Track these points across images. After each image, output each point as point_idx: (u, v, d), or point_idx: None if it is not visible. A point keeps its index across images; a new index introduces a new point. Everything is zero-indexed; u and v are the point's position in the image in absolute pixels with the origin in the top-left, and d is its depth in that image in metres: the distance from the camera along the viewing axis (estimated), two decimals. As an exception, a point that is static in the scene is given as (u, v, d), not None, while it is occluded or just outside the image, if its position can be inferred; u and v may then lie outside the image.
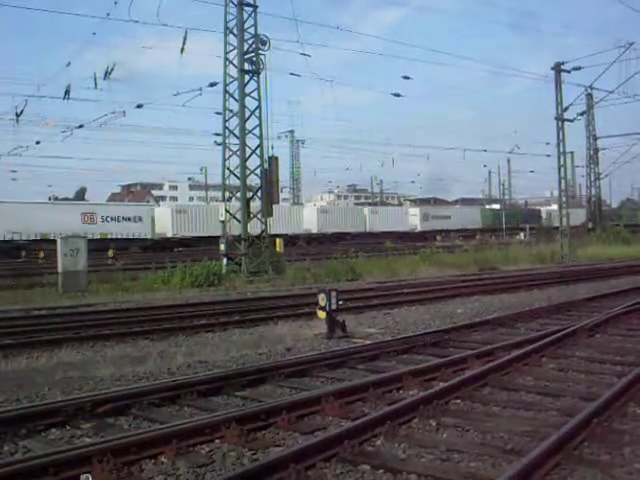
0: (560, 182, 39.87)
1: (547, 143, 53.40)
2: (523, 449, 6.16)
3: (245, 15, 27.86)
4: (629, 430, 6.71)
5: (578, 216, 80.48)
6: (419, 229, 70.76)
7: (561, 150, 39.13)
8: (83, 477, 5.79)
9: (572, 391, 8.51)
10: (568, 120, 39.25)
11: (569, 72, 38.16)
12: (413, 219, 72.45)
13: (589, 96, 50.44)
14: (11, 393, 8.89)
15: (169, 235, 53.09)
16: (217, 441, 6.76)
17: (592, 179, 60.25)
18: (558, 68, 38.23)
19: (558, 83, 38.30)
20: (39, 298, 20.66)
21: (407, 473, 5.77)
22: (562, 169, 39.54)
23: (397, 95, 38.30)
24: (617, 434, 6.59)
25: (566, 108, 38.68)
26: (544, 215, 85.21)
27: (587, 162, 59.77)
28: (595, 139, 58.36)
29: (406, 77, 37.55)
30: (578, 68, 37.96)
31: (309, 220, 61.68)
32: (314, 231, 60.71)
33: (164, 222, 53.40)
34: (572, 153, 70.50)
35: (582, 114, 45.72)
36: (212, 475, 5.90)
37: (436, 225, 72.36)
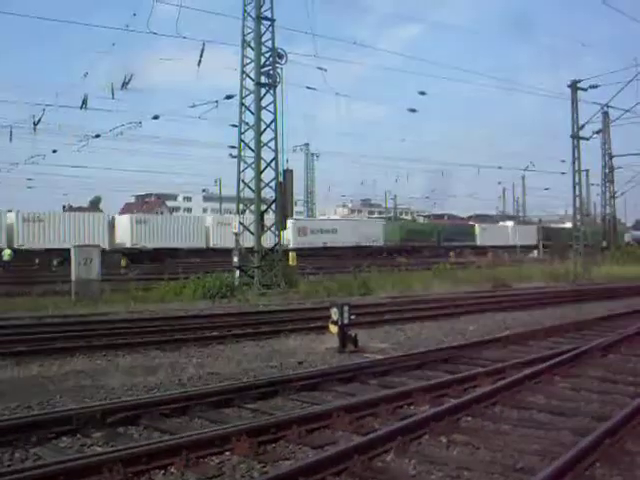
0: (575, 200, 39.79)
1: (562, 160, 53.24)
2: (534, 468, 6.13)
3: (263, 29, 28.02)
4: (641, 451, 6.66)
5: (528, 234, 78.89)
6: (292, 245, 55.64)
7: (576, 168, 39.06)
8: (93, 486, 5.82)
9: (584, 411, 8.46)
10: (584, 138, 39.24)
11: (585, 90, 38.15)
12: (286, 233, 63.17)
13: (605, 114, 50.27)
14: (23, 400, 8.93)
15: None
16: (227, 453, 6.77)
17: (607, 197, 59.98)
18: (575, 86, 38.23)
19: (574, 101, 38.30)
20: (52, 306, 20.72)
21: (417, 490, 5.75)
22: (577, 187, 39.46)
23: (413, 110, 38.39)
24: (629, 455, 6.55)
25: (582, 126, 38.67)
26: (477, 232, 78.06)
27: (602, 180, 59.50)
28: (611, 157, 58.11)
29: (422, 93, 37.57)
30: (595, 86, 37.89)
31: (123, 231, 51.79)
32: (128, 245, 50.51)
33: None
34: (587, 171, 70.24)
35: (598, 132, 45.69)
36: (221, 487, 5.89)
37: (316, 241, 60.93)
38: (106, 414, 7.86)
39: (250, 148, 28.50)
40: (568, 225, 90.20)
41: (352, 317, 13.44)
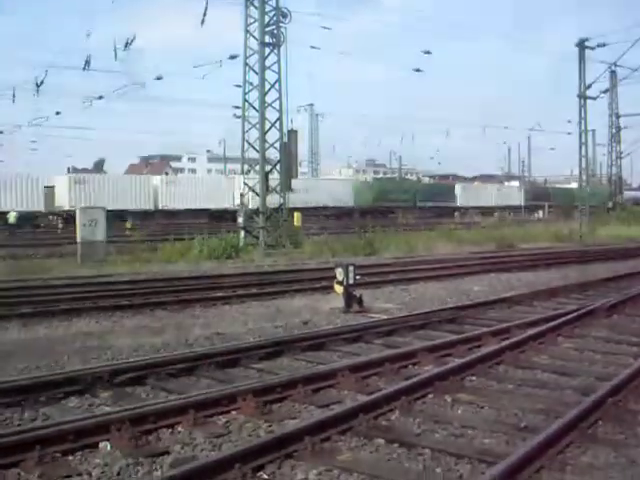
0: (580, 160, 39.58)
1: (569, 121, 52.90)
2: (537, 427, 6.19)
3: (266, -13, 27.69)
4: (644, 410, 6.72)
5: (513, 194, 76.70)
6: (252, 206, 56.45)
7: (582, 128, 38.80)
8: (102, 444, 5.90)
9: (588, 371, 8.52)
10: (591, 98, 38.91)
11: (593, 49, 37.68)
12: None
13: (613, 73, 49.73)
14: (31, 361, 9.01)
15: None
16: (234, 412, 6.84)
17: (613, 158, 59.70)
18: (582, 45, 37.77)
19: (581, 60, 37.87)
20: (58, 268, 20.80)
21: (421, 448, 5.81)
22: (583, 147, 39.22)
23: (418, 70, 38.11)
24: (632, 414, 6.60)
25: (589, 85, 38.29)
26: (458, 191, 73.32)
27: (609, 140, 59.22)
28: (618, 117, 57.77)
29: (427, 52, 37.25)
30: (603, 45, 37.40)
31: (61, 193, 48.34)
32: (66, 207, 46.39)
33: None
34: (594, 131, 69.91)
35: (605, 92, 45.23)
36: (228, 446, 5.96)
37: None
38: (113, 374, 7.94)
39: (254, 108, 28.38)
40: (564, 185, 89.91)
41: (357, 277, 13.47)
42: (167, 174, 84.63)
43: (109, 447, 5.88)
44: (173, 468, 5.35)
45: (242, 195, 28.90)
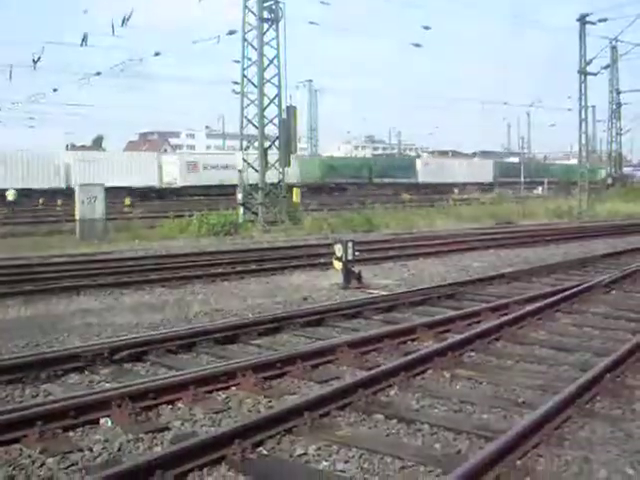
0: (580, 137, 39.47)
1: (569, 97, 52.67)
2: (535, 402, 6.22)
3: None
4: (641, 386, 6.76)
5: (483, 170, 73.58)
6: (179, 183, 52.67)
7: (583, 104, 38.64)
8: (102, 420, 5.94)
9: (586, 346, 8.55)
10: (591, 74, 38.71)
11: (594, 24, 37.40)
12: (171, 169, 53.12)
13: (614, 49, 49.48)
14: (31, 338, 9.05)
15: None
16: (233, 388, 6.87)
17: (613, 134, 59.49)
18: (583, 20, 37.51)
19: (582, 35, 37.64)
20: (58, 245, 20.81)
21: (420, 423, 5.85)
22: (583, 123, 39.09)
23: (417, 45, 37.86)
24: (629, 389, 6.65)
25: (590, 61, 38.09)
26: (419, 167, 69.46)
27: (609, 117, 58.97)
28: (618, 93, 57.48)
29: (426, 27, 36.97)
30: (604, 20, 37.13)
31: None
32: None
33: None
34: (594, 107, 69.52)
35: (606, 67, 44.99)
36: (228, 421, 6.00)
37: (211, 178, 52.26)
38: (113, 351, 7.96)
39: (253, 84, 28.27)
40: (564, 162, 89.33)
41: (356, 253, 13.49)
42: (166, 151, 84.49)
43: (110, 423, 5.91)
44: (173, 444, 5.38)
45: (240, 171, 28.82)
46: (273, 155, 28.97)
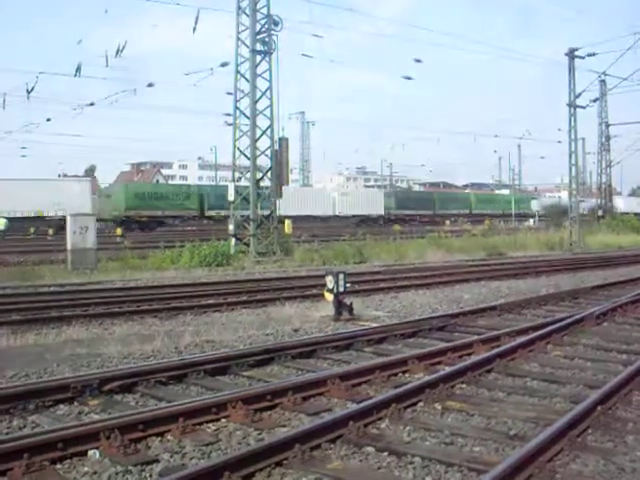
0: (571, 169, 39.73)
1: (559, 129, 53.11)
2: (527, 435, 6.20)
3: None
4: (633, 418, 6.74)
5: (371, 201, 65.64)
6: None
7: (572, 137, 38.96)
8: (91, 452, 5.87)
9: (577, 378, 8.53)
10: (580, 107, 39.07)
11: (583, 58, 37.84)
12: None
13: (602, 83, 50.00)
14: (20, 369, 8.97)
15: None
16: (223, 420, 6.82)
17: (603, 166, 59.91)
18: (572, 54, 37.94)
19: (571, 69, 38.05)
20: (48, 275, 20.73)
21: (411, 456, 5.80)
22: (573, 156, 39.38)
23: (408, 78, 38.21)
24: (621, 422, 6.62)
25: (579, 95, 38.47)
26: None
27: (598, 149, 59.43)
28: (607, 126, 58.02)
29: (417, 60, 37.32)
30: (592, 54, 37.54)
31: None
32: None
33: None
34: (583, 140, 70.14)
35: (595, 101, 45.49)
36: (218, 454, 5.94)
37: None
38: (103, 382, 7.90)
39: (245, 116, 28.41)
40: (554, 194, 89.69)
41: (347, 285, 13.48)
42: (158, 181, 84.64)
43: (98, 455, 5.85)
44: (162, 476, 5.33)
45: (232, 202, 28.86)
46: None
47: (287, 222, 31.13)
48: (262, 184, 28.82)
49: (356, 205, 64.74)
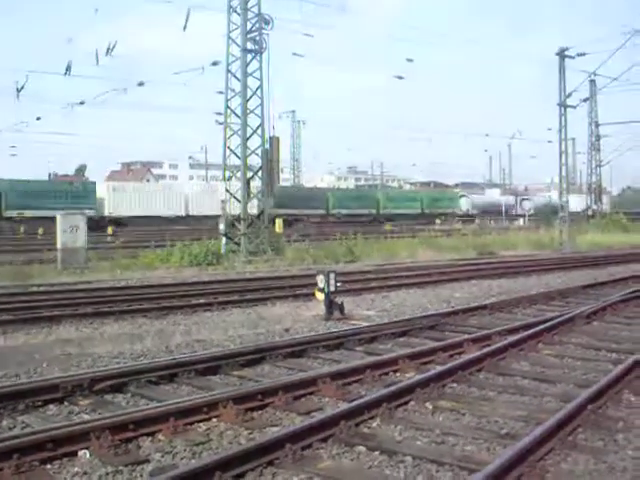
0: (561, 168, 39.83)
1: (549, 129, 53.28)
2: (518, 434, 6.22)
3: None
4: (623, 417, 6.76)
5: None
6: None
7: (563, 136, 39.07)
8: (81, 453, 5.85)
9: (568, 377, 8.56)
10: (571, 106, 39.13)
11: (573, 58, 37.91)
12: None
13: (592, 82, 50.16)
14: (10, 369, 8.94)
15: None
16: (214, 420, 6.81)
17: (593, 166, 60.13)
18: (562, 54, 38.01)
19: (562, 69, 38.13)
20: (38, 274, 20.65)
21: (402, 455, 5.81)
22: (563, 155, 39.49)
23: (400, 78, 38.28)
24: (611, 421, 6.64)
25: (569, 94, 38.54)
26: (106, 194, 49.83)
27: (589, 149, 59.65)
28: (597, 126, 58.24)
29: (409, 60, 37.44)
30: (582, 54, 37.63)
31: None
32: None
33: None
34: (574, 139, 70.39)
35: (585, 100, 45.65)
36: (209, 453, 5.93)
37: None
38: (93, 382, 7.87)
39: (236, 115, 28.37)
40: (545, 194, 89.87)
41: (338, 284, 13.48)
42: (148, 181, 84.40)
43: (88, 455, 5.83)
44: (153, 476, 5.31)
45: (223, 202, 28.82)
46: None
47: (278, 221, 31.12)
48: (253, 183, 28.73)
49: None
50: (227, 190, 28.72)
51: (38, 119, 46.09)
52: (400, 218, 62.88)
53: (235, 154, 28.49)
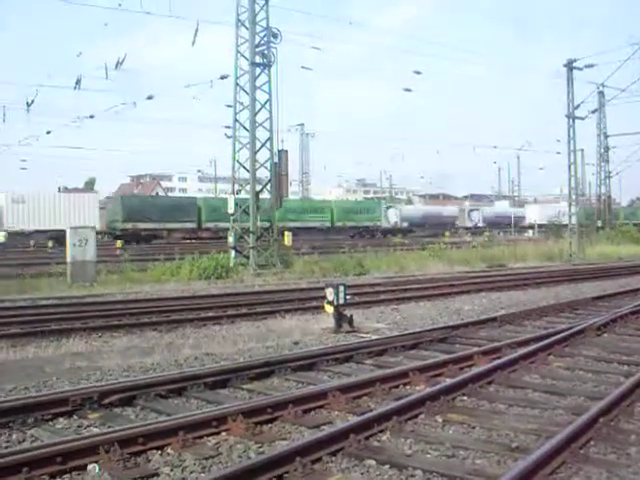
0: (570, 180, 39.76)
1: (558, 140, 53.23)
2: (529, 447, 6.17)
3: (257, 8, 27.80)
4: (635, 430, 6.71)
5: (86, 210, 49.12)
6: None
7: (571, 148, 38.99)
8: (90, 467, 5.84)
9: (579, 390, 8.50)
10: (579, 118, 39.09)
11: (581, 69, 37.95)
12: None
13: (601, 94, 50.09)
14: (19, 382, 8.94)
15: None
16: (224, 434, 6.79)
17: (602, 177, 59.93)
18: (570, 65, 38.03)
19: (570, 80, 38.13)
20: (47, 288, 20.70)
21: (413, 469, 5.78)
22: (572, 167, 39.42)
23: (408, 90, 38.33)
24: (623, 434, 6.59)
25: (577, 106, 38.52)
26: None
27: (597, 160, 59.46)
28: (606, 137, 58.06)
29: (417, 72, 37.42)
30: (591, 65, 37.66)
31: None
32: None
33: None
34: (582, 151, 70.12)
35: (594, 112, 45.53)
36: (218, 467, 5.92)
37: None
38: (102, 395, 7.87)
39: (245, 128, 28.42)
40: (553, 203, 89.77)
41: (348, 297, 13.46)
42: (157, 194, 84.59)
43: (97, 469, 5.82)
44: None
45: (232, 215, 28.85)
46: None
47: (287, 234, 31.12)
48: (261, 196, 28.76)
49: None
50: (236, 203, 28.72)
51: (48, 133, 46.37)
52: (301, 233, 52.02)
53: (244, 167, 28.53)
